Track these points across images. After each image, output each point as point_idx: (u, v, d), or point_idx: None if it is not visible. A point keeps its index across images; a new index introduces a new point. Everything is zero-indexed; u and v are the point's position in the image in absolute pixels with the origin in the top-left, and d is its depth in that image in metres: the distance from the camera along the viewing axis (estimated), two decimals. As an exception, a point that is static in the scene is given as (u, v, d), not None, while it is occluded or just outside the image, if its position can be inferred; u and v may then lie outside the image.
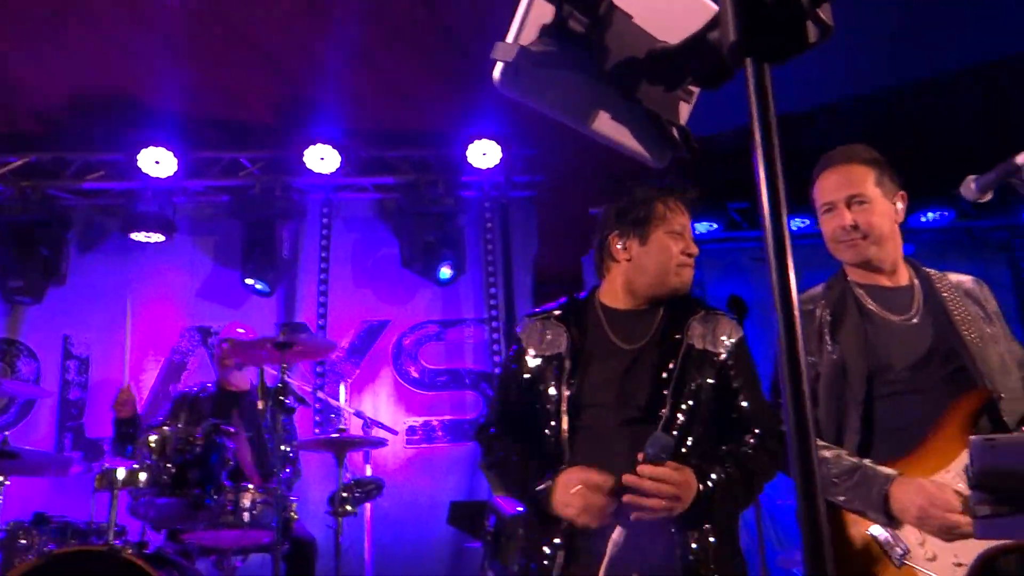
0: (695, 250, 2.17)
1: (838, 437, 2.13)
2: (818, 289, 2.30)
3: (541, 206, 6.19)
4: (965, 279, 2.27)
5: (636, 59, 0.92)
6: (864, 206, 2.18)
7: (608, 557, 1.78)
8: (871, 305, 2.20)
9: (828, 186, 2.23)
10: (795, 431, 0.71)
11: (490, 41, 0.94)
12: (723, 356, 2.10)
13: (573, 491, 1.88)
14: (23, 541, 3.40)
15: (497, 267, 5.94)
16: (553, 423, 2.06)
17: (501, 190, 6.00)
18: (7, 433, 3.62)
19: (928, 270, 2.28)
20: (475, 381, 5.75)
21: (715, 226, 5.81)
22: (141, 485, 3.24)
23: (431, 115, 5.83)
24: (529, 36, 0.87)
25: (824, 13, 0.79)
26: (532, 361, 2.15)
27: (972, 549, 1.87)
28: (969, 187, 2.12)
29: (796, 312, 0.75)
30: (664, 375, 2.03)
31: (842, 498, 2.03)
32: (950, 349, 2.09)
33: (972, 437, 1.43)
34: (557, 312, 2.22)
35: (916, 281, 2.24)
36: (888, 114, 5.39)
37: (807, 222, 5.87)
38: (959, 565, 1.87)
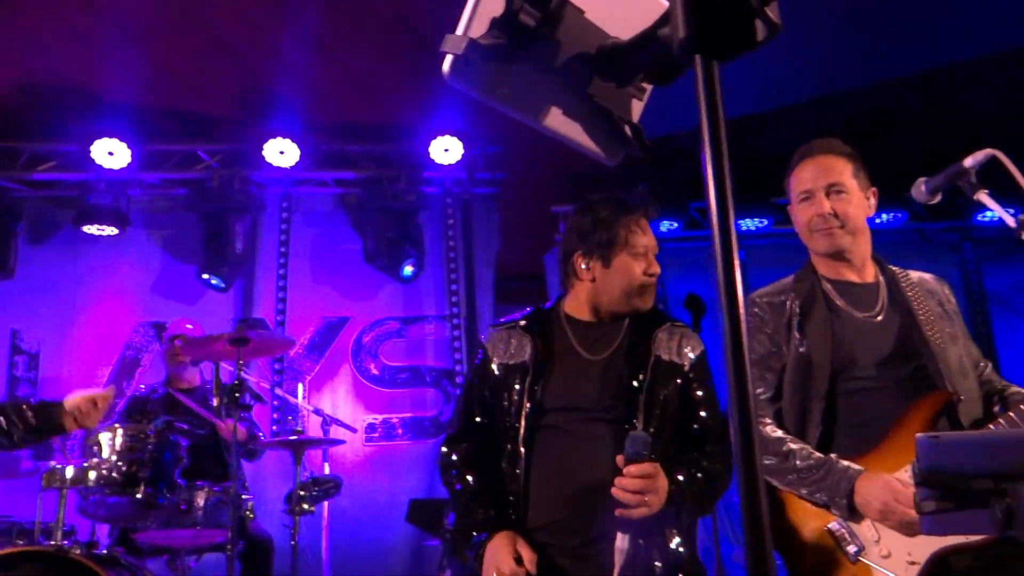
0: (657, 269, 2.20)
1: (801, 430, 2.15)
2: (788, 281, 2.31)
3: (503, 203, 6.19)
4: (927, 277, 2.30)
5: (587, 54, 0.91)
6: (842, 196, 2.20)
7: (618, 567, 1.81)
8: (838, 301, 2.22)
9: (807, 175, 2.25)
10: (739, 427, 0.72)
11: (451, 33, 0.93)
12: (687, 368, 2.16)
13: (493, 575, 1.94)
14: (-33, 542, 3.30)
15: (459, 264, 5.92)
16: (512, 427, 2.09)
17: (463, 187, 5.98)
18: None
19: (893, 268, 2.31)
20: (436, 378, 5.72)
21: (676, 225, 5.85)
22: (91, 484, 3.16)
23: (393, 110, 5.79)
24: (479, 29, 0.86)
25: (772, 12, 0.79)
26: (496, 370, 2.17)
27: (926, 548, 1.90)
28: (919, 189, 2.16)
29: (741, 308, 0.75)
30: (635, 384, 2.08)
31: (806, 491, 2.05)
32: (913, 348, 2.12)
33: (918, 435, 1.45)
34: (523, 322, 2.24)
35: (882, 278, 2.27)
36: (841, 117, 5.49)
37: (765, 222, 5.97)
38: (912, 563, 1.90)
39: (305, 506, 3.80)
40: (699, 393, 2.17)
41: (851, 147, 2.35)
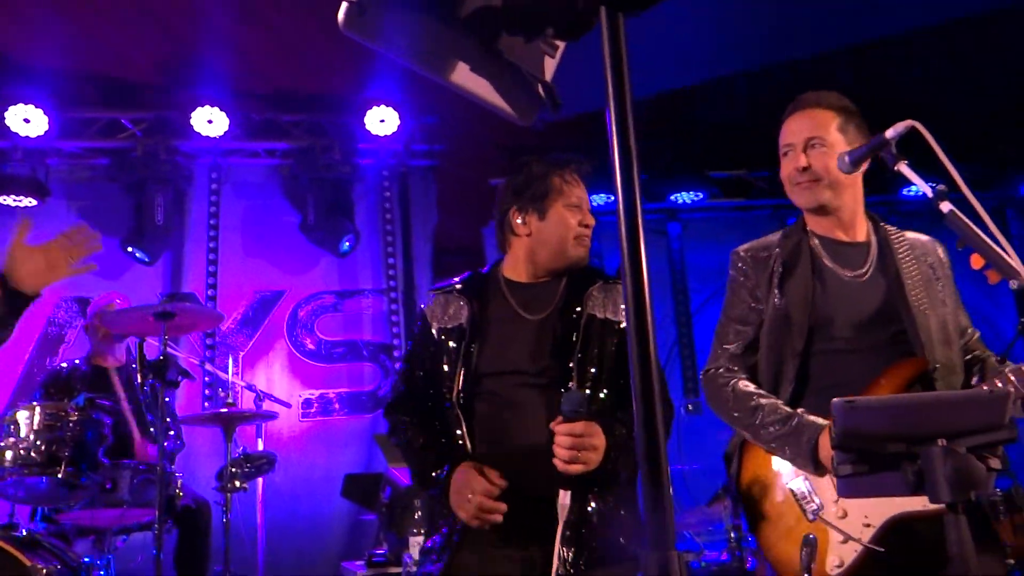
0: (591, 221, 2.19)
1: (773, 387, 2.14)
2: (775, 237, 2.29)
3: (441, 175, 6.11)
4: (923, 238, 2.27)
5: (493, 6, 0.87)
6: (821, 150, 2.17)
7: (562, 522, 1.83)
8: (825, 258, 2.19)
9: (790, 129, 2.23)
10: (642, 406, 0.70)
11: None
12: (624, 324, 2.14)
13: (469, 497, 1.93)
14: None
15: (396, 237, 5.84)
16: (450, 391, 2.08)
17: (400, 158, 5.88)
18: None
19: (888, 227, 2.28)
20: (373, 353, 5.66)
21: (611, 197, 5.86)
22: (7, 464, 3.06)
23: (327, 79, 5.64)
24: (376, -24, 0.82)
25: (679, -37, 0.77)
26: (436, 334, 2.17)
27: (882, 512, 1.91)
28: (844, 160, 2.16)
29: (645, 285, 0.73)
30: (567, 345, 2.07)
31: (773, 444, 2.05)
32: (894, 312, 2.10)
33: (834, 400, 1.47)
34: (459, 286, 2.23)
35: (874, 238, 2.24)
36: (775, 89, 5.55)
37: (700, 195, 6.01)
38: (867, 525, 1.92)
39: (237, 483, 3.73)
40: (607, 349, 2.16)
41: (777, 121, 2.35)
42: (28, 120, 5.09)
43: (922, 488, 1.40)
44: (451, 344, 2.13)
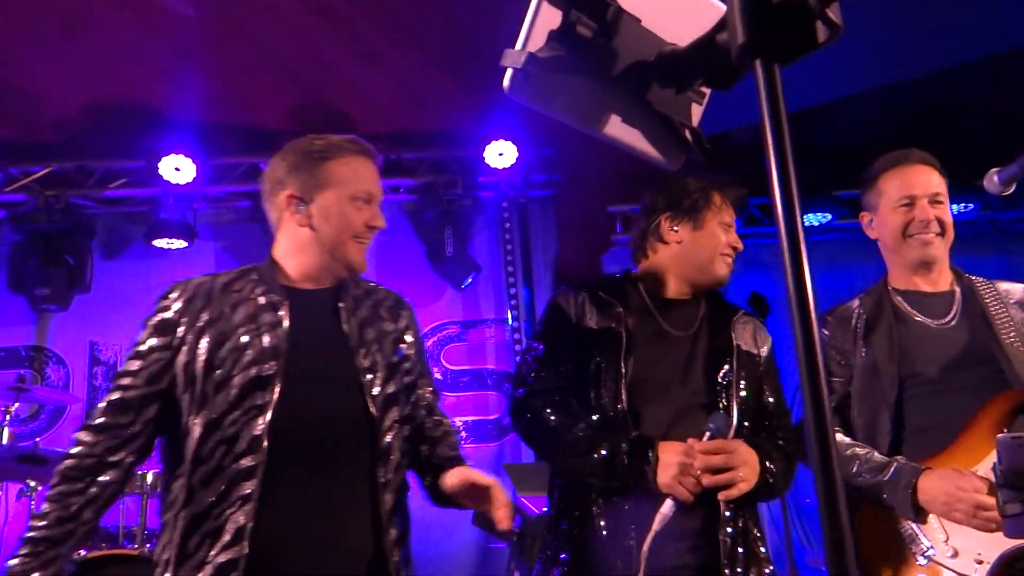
0: (740, 245, 2.19)
1: (871, 438, 2.14)
2: (855, 299, 2.33)
3: (560, 205, 6.19)
4: (1015, 288, 2.26)
5: (645, 62, 0.91)
6: (943, 206, 2.22)
7: (654, 530, 1.80)
8: (907, 311, 2.22)
9: (911, 180, 2.23)
10: (815, 427, 0.71)
11: (502, 40, 0.94)
12: (760, 360, 2.14)
13: (680, 462, 1.85)
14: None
15: (516, 267, 5.94)
16: (613, 397, 2.00)
17: (519, 190, 6.00)
18: (38, 439, 3.67)
19: (973, 277, 2.29)
20: (497, 382, 5.75)
21: (828, 216, 5.78)
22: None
23: (446, 116, 5.84)
24: (537, 42, 0.87)
25: (833, 13, 0.78)
26: (584, 331, 2.07)
27: (995, 547, 1.85)
28: (992, 180, 2.11)
29: (812, 309, 0.74)
30: (721, 373, 2.06)
31: (872, 493, 2.04)
32: (986, 352, 2.10)
33: (999, 435, 1.42)
34: (604, 287, 2.16)
35: (957, 288, 2.25)
36: (905, 106, 5.34)
37: (828, 216, 5.84)
38: (980, 562, 1.87)
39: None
40: (768, 383, 2.16)
41: (917, 136, 2.34)
42: (178, 168, 5.50)
43: (1101, 529, 1.32)
44: (608, 345, 2.04)
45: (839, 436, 2.16)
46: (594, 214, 6.05)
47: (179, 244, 5.61)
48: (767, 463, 1.95)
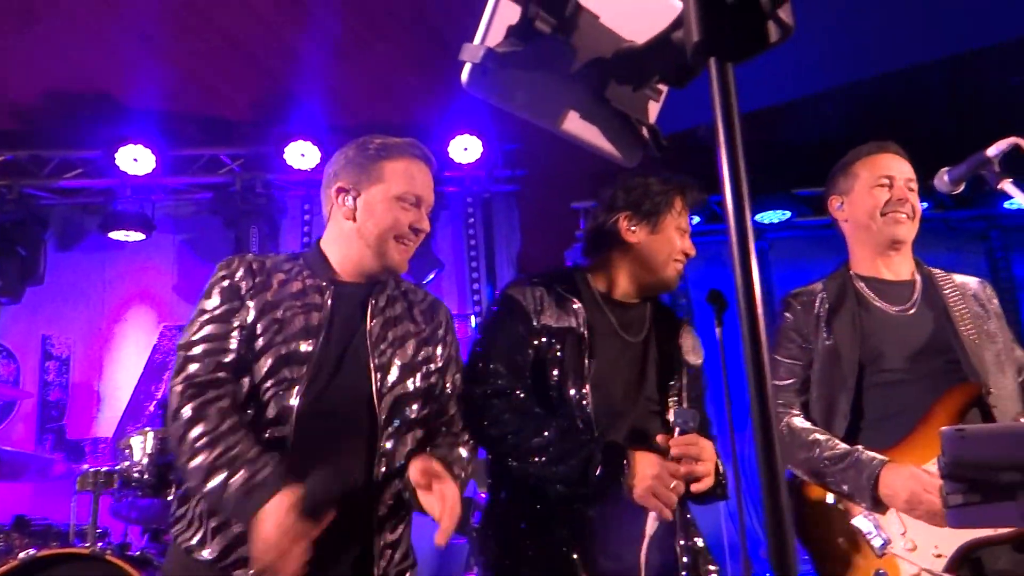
0: (693, 251, 2.16)
1: (827, 423, 2.16)
2: (818, 283, 2.36)
3: (524, 200, 6.20)
4: (971, 280, 2.32)
5: (603, 59, 0.92)
6: (915, 193, 2.29)
7: (648, 535, 1.80)
8: (869, 296, 2.25)
9: (887, 163, 2.30)
10: (759, 419, 0.73)
11: (469, 35, 0.94)
12: (697, 372, 2.18)
13: (656, 475, 1.82)
14: (2, 544, 3.37)
15: (480, 262, 5.94)
16: (579, 399, 1.96)
17: (483, 185, 6.00)
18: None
19: (932, 269, 2.34)
20: (459, 376, 5.74)
21: (697, 219, 5.83)
22: (123, 486, 3.22)
23: (411, 110, 5.82)
24: (496, 37, 0.87)
25: (784, 14, 0.80)
26: (542, 328, 2.01)
27: (952, 541, 1.90)
28: (942, 179, 2.16)
29: (759, 309, 0.76)
30: (671, 382, 2.08)
31: (831, 480, 2.06)
32: (945, 343, 2.13)
33: (943, 428, 1.45)
34: (560, 281, 2.12)
35: (918, 277, 2.30)
36: (862, 106, 5.44)
37: (788, 214, 5.93)
38: (939, 556, 1.91)
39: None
40: (702, 394, 2.20)
41: (875, 135, 2.40)
42: (136, 159, 5.40)
43: (1040, 520, 1.37)
44: (568, 343, 1.99)
45: (799, 420, 2.18)
46: (558, 210, 6.07)
47: (136, 236, 5.51)
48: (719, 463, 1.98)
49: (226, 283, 1.87)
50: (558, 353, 1.99)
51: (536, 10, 0.86)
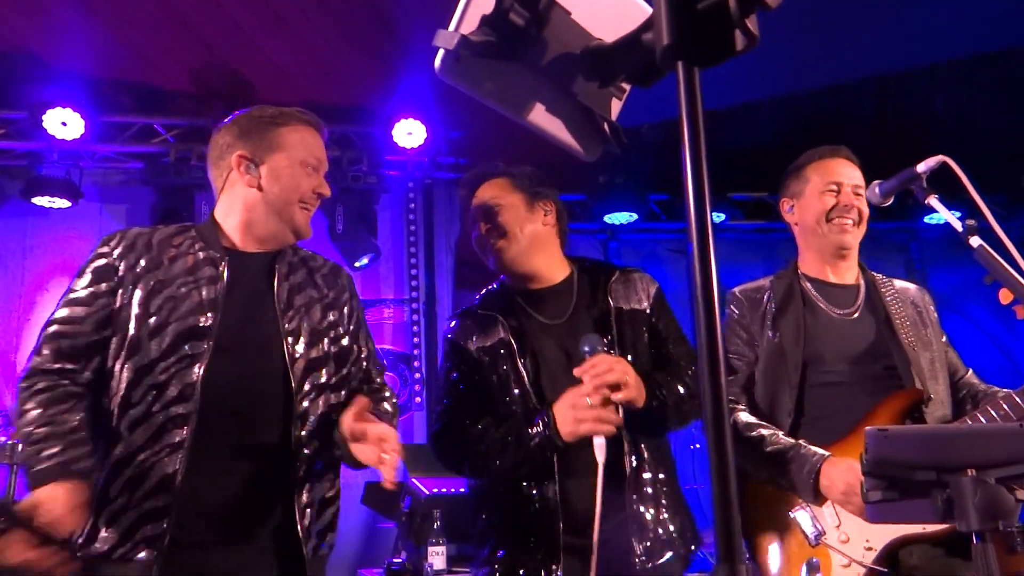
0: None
1: (771, 418, 2.22)
2: (765, 281, 2.40)
3: (465, 189, 6.19)
4: (910, 287, 2.43)
5: (572, 55, 0.94)
6: (862, 199, 2.34)
7: (601, 463, 1.81)
8: (815, 298, 2.31)
9: (837, 169, 2.35)
10: (713, 426, 0.76)
11: (417, 18, 0.94)
12: (646, 311, 2.14)
13: (571, 403, 1.90)
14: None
15: (419, 248, 5.92)
16: (522, 399, 2.05)
17: (425, 171, 5.97)
18: None
19: (875, 274, 2.42)
20: (394, 362, 5.72)
21: (635, 216, 5.93)
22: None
23: (355, 91, 5.74)
24: (470, 26, 0.88)
25: (751, 24, 0.83)
26: (475, 353, 2.14)
27: (882, 536, 2.00)
28: (874, 191, 2.26)
29: (716, 307, 0.79)
30: (604, 342, 2.05)
31: (773, 473, 2.12)
32: (884, 348, 2.21)
33: (867, 428, 1.53)
34: (483, 302, 2.24)
35: (862, 281, 2.37)
36: (796, 117, 5.62)
37: (722, 216, 6.09)
38: (869, 549, 2.00)
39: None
40: (665, 326, 2.16)
41: (806, 145, 2.47)
42: (65, 123, 5.19)
43: (951, 516, 1.45)
44: (500, 356, 2.09)
45: (746, 415, 2.22)
46: (499, 200, 6.09)
47: (61, 203, 5.30)
48: (658, 389, 1.98)
49: (101, 262, 1.88)
50: (495, 369, 2.10)
51: (511, 2, 0.87)
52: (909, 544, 2.01)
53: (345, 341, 1.99)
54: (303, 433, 1.84)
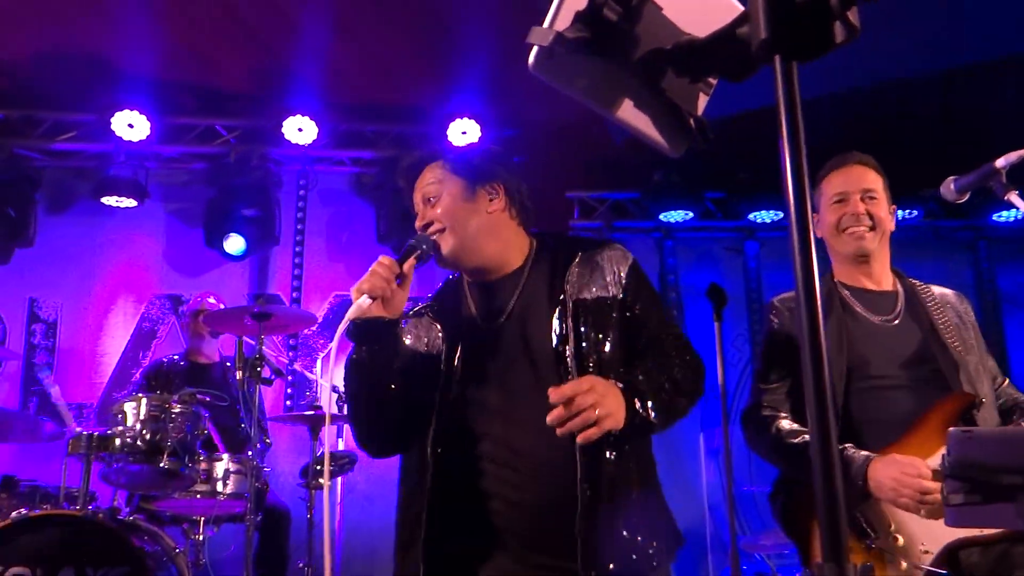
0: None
1: None
2: None
3: (519, 186, 6.20)
4: (948, 292, 2.40)
5: (663, 50, 0.94)
6: (876, 201, 2.32)
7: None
8: (855, 305, 2.31)
9: (842, 179, 2.35)
10: (817, 427, 0.75)
11: (472, 20, 0.95)
12: (619, 294, 1.89)
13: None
14: (-9, 504, 3.37)
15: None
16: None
17: (480, 169, 5.99)
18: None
19: (912, 280, 2.40)
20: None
21: (690, 214, 5.87)
22: (115, 451, 3.22)
23: (412, 91, 5.80)
24: (564, 22, 0.89)
25: (852, 15, 0.82)
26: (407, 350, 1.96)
27: (939, 538, 1.94)
28: (949, 187, 2.20)
29: (819, 310, 0.78)
30: (554, 334, 1.83)
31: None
32: (930, 353, 2.20)
33: (951, 429, 1.50)
34: (429, 302, 2.06)
35: (900, 288, 2.36)
36: (856, 114, 5.50)
37: (781, 215, 5.99)
38: (926, 552, 1.96)
39: (321, 481, 3.85)
40: (642, 304, 1.90)
41: (868, 142, 2.47)
42: (132, 125, 5.35)
43: (1038, 521, 1.41)
44: (430, 367, 1.92)
45: (789, 422, 2.23)
46: (552, 199, 6.09)
47: (128, 203, 5.46)
48: (640, 399, 1.72)
49: None
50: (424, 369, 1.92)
51: (605, -2, 0.88)
52: (968, 546, 1.96)
53: None
54: None
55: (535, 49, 0.89)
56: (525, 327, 1.88)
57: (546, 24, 0.89)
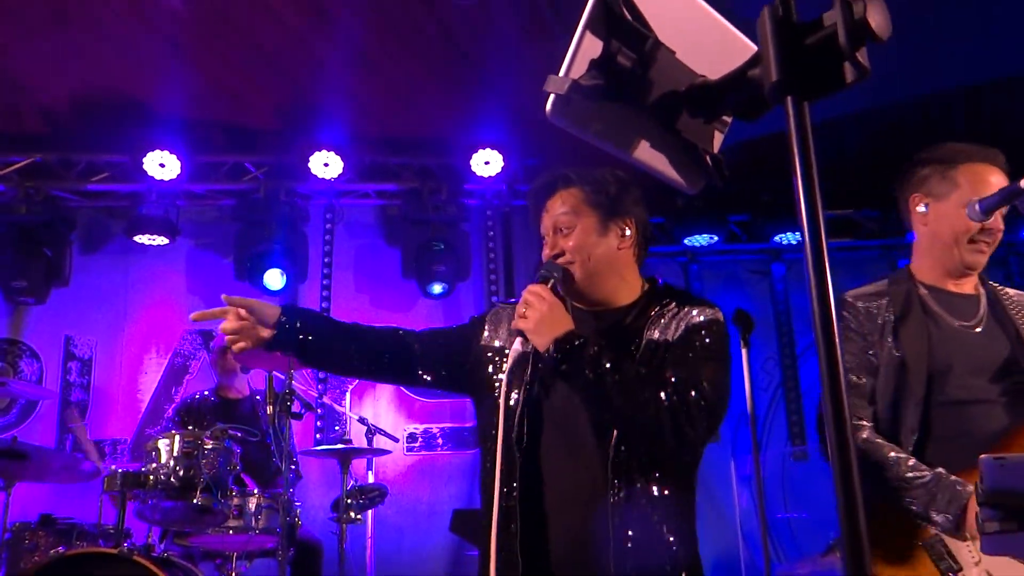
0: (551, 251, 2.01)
1: (894, 436, 2.05)
2: (881, 286, 2.20)
3: (543, 215, 6.23)
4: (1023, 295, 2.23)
5: (677, 92, 0.96)
6: (1002, 217, 2.14)
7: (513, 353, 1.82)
8: (936, 308, 2.14)
9: (992, 180, 2.11)
10: (836, 445, 0.76)
11: (493, 51, 0.98)
12: (670, 338, 1.88)
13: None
14: (28, 542, 3.42)
15: (499, 275, 5.99)
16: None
17: (503, 199, 6.05)
18: (15, 434, 3.63)
19: (992, 283, 2.23)
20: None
21: (715, 239, 5.86)
22: (149, 488, 3.26)
23: (434, 123, 5.88)
24: (579, 70, 0.91)
25: (861, 56, 0.84)
26: (481, 342, 2.05)
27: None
28: (974, 208, 2.14)
29: (836, 337, 0.79)
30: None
31: (907, 501, 1.94)
32: (1013, 362, 2.05)
33: (982, 456, 1.47)
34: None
35: (982, 290, 2.20)
36: (881, 131, 5.47)
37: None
38: None
39: (353, 514, 3.87)
40: (673, 355, 1.84)
41: (893, 160, 2.28)
42: (163, 164, 5.47)
43: (1077, 549, 1.38)
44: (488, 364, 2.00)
45: (873, 435, 2.04)
46: (577, 226, 6.10)
47: (160, 241, 5.57)
48: (603, 362, 1.74)
49: None
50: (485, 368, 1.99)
51: (618, 45, 0.90)
52: None
53: None
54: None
55: (552, 97, 0.91)
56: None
57: (562, 72, 0.91)
